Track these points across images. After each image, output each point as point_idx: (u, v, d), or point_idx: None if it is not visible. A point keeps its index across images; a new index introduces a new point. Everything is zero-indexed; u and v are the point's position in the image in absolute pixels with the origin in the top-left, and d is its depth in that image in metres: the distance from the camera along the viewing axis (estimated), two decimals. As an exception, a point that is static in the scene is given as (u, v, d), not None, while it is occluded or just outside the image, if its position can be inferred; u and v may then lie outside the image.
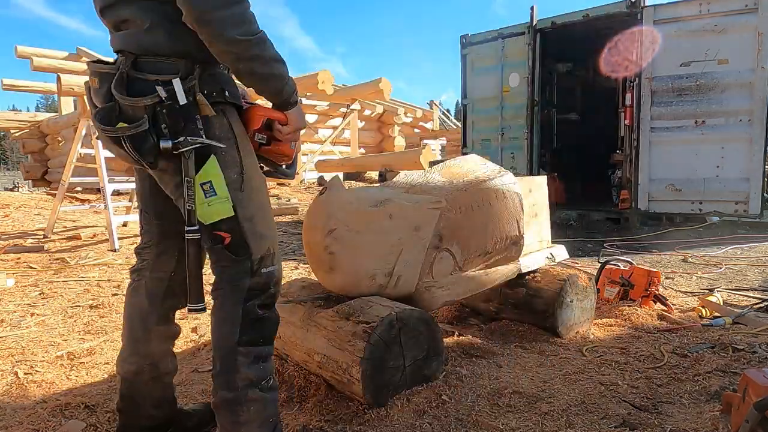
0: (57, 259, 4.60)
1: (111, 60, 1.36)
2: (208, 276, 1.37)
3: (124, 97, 1.26)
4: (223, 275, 1.37)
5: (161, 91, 1.26)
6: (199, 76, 1.30)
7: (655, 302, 2.92)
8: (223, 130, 1.33)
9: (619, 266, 3.12)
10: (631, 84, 6.31)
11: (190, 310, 1.36)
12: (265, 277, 1.38)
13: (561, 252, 2.80)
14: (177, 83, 1.26)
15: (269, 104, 1.45)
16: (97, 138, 1.39)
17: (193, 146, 1.27)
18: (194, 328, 2.80)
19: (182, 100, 1.27)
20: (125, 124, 1.25)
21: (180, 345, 2.56)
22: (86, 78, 1.39)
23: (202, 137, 1.28)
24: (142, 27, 1.28)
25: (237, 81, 1.41)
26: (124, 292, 1.63)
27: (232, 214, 1.32)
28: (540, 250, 2.69)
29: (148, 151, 1.26)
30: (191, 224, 1.30)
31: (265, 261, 1.37)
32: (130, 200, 6.34)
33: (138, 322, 1.51)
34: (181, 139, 1.26)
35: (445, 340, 2.03)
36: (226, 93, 1.35)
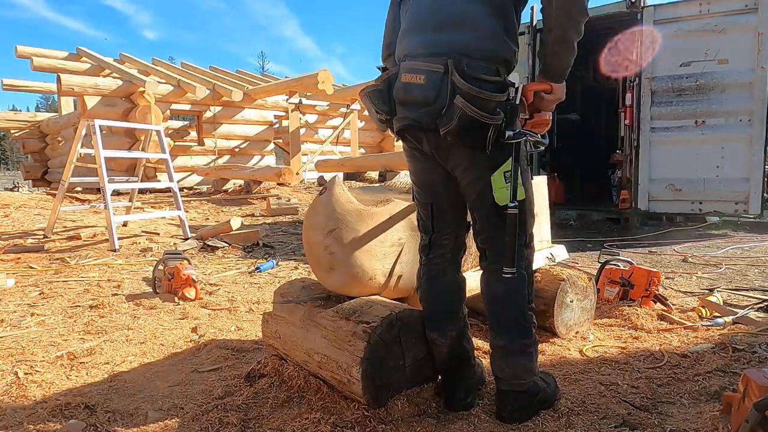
0: (57, 259, 4.60)
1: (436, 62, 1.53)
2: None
3: (483, 92, 1.47)
4: (506, 246, 1.58)
5: (512, 91, 1.51)
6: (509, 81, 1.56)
7: (655, 302, 2.92)
8: (519, 125, 1.60)
9: (619, 266, 3.12)
10: (631, 84, 6.31)
11: (504, 275, 1.56)
12: (531, 246, 1.71)
13: (561, 252, 2.80)
14: (516, 88, 1.51)
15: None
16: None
17: (523, 138, 1.52)
18: (194, 328, 2.80)
19: (517, 99, 1.52)
20: (487, 114, 1.47)
21: (180, 345, 2.57)
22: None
23: (527, 131, 1.55)
24: (485, 34, 1.54)
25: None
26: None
27: (524, 197, 1.59)
28: (540, 250, 2.68)
29: (492, 139, 1.50)
30: (513, 200, 1.52)
31: (532, 235, 1.70)
32: (130, 200, 6.34)
33: (454, 295, 1.82)
34: (517, 131, 1.51)
35: (445, 340, 2.02)
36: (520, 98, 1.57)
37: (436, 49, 1.55)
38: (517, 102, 1.52)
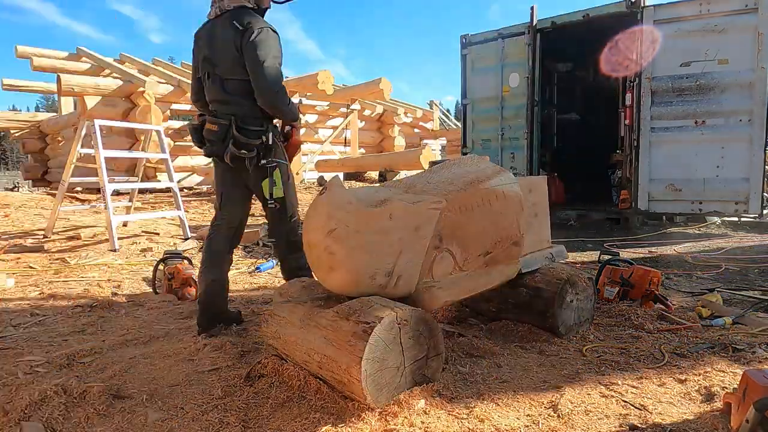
0: (57, 259, 4.60)
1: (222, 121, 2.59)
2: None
3: (247, 139, 2.54)
4: (277, 225, 2.74)
5: (265, 138, 2.57)
6: (272, 128, 2.64)
7: (655, 302, 2.92)
8: (280, 155, 2.67)
9: (619, 266, 3.12)
10: (631, 84, 6.31)
11: (270, 240, 2.89)
12: (293, 223, 2.74)
13: (561, 252, 2.80)
14: (270, 135, 2.59)
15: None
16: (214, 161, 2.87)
17: (274, 163, 2.59)
18: (194, 327, 2.79)
19: (270, 141, 2.58)
20: (245, 152, 2.54)
21: (180, 347, 2.56)
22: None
23: (277, 160, 2.62)
24: (248, 109, 2.59)
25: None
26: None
27: (282, 195, 2.64)
28: (540, 250, 2.69)
29: (253, 165, 2.58)
30: (271, 199, 2.59)
31: (293, 216, 2.74)
32: (130, 200, 6.34)
33: (219, 253, 2.74)
34: (269, 159, 2.59)
35: (445, 340, 2.03)
36: (281, 135, 2.74)
37: (224, 111, 2.59)
38: (270, 143, 2.56)
